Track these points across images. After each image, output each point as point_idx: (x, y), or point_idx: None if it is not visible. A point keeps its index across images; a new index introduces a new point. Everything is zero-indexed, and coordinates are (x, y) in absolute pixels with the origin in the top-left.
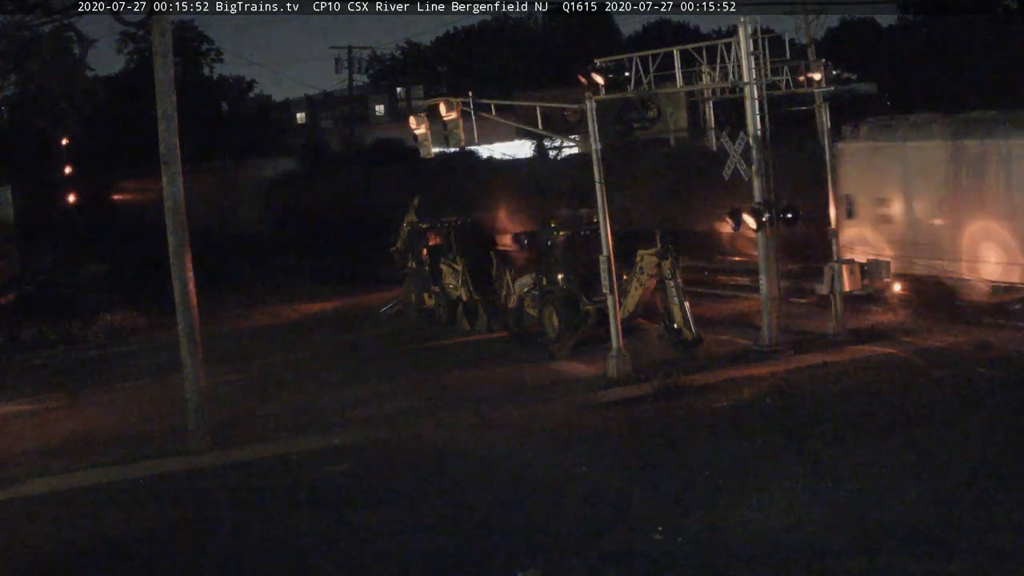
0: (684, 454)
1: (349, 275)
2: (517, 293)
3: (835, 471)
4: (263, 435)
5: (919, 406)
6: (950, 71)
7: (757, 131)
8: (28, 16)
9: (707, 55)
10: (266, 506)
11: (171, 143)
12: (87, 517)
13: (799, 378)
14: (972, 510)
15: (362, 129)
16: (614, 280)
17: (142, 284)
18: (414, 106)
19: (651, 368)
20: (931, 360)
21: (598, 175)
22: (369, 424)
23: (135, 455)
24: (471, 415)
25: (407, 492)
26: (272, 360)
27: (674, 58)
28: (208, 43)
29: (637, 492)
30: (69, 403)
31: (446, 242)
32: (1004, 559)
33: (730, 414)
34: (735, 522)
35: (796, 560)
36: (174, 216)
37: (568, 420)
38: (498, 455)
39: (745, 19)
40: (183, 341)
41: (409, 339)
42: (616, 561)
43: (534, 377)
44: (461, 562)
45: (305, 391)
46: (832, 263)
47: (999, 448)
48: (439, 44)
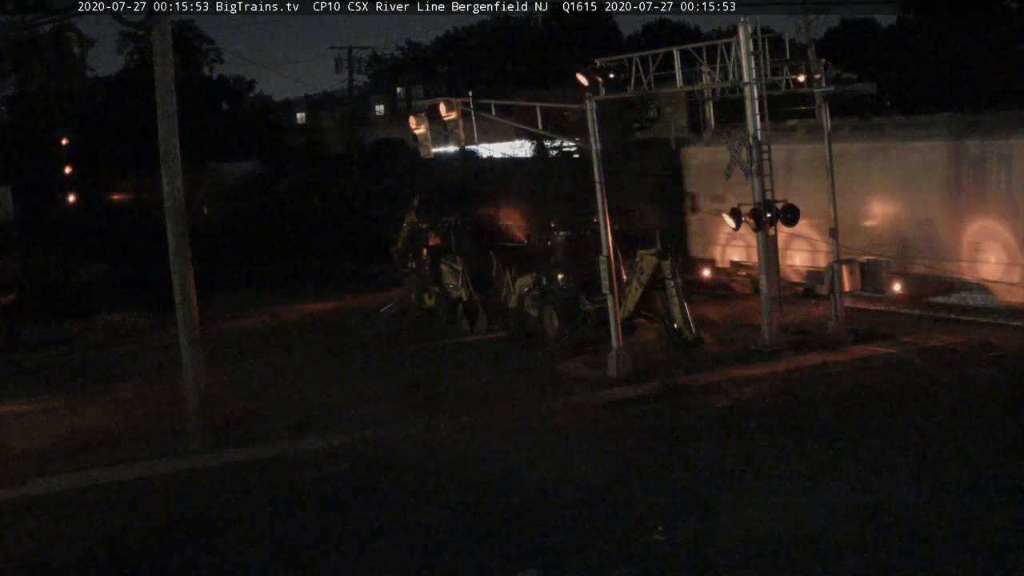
0: (684, 454)
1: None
2: (517, 293)
3: (835, 471)
4: (263, 435)
5: (919, 406)
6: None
7: (757, 131)
8: (28, 16)
9: (707, 55)
10: (266, 506)
11: (171, 143)
12: (87, 517)
13: (799, 378)
14: (972, 510)
15: (362, 129)
16: (614, 280)
17: (142, 284)
18: (414, 106)
19: (651, 368)
20: (931, 360)
21: (598, 175)
22: (369, 424)
23: (135, 455)
24: (471, 415)
25: (407, 492)
26: (272, 360)
27: (674, 58)
28: (208, 43)
29: (637, 492)
30: (69, 403)
31: (446, 242)
32: (1004, 559)
33: (730, 414)
34: (735, 522)
35: (796, 560)
36: (174, 216)
37: (568, 420)
38: (498, 455)
39: (745, 19)
40: (183, 341)
41: (409, 339)
42: (616, 561)
43: (534, 377)
44: (461, 562)
45: (305, 391)
46: (832, 263)
47: (999, 448)
48: (439, 44)
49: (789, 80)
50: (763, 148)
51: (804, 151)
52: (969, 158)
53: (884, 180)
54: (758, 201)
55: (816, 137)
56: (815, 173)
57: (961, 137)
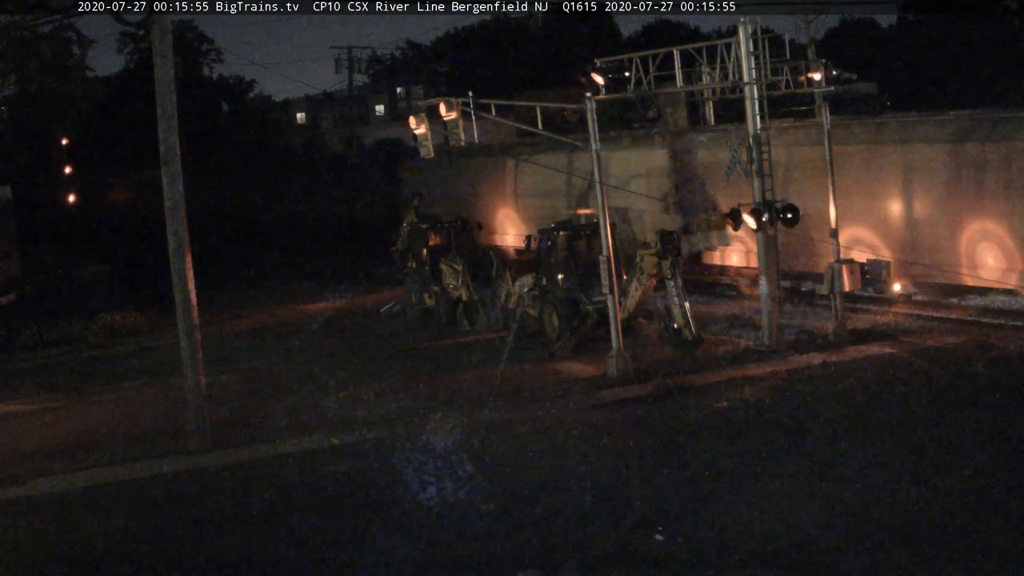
0: (684, 454)
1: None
2: (517, 293)
3: (835, 471)
4: (263, 435)
5: (919, 406)
6: (950, 71)
7: (757, 131)
8: (28, 16)
9: (707, 55)
10: (266, 506)
11: (171, 143)
12: (87, 517)
13: (799, 378)
14: (972, 510)
15: (362, 129)
16: (614, 280)
17: (142, 284)
18: (414, 106)
19: (651, 368)
20: (931, 360)
21: (598, 175)
22: (369, 424)
23: (135, 455)
24: (471, 415)
25: (407, 492)
26: (272, 360)
27: (674, 58)
28: (208, 43)
29: (637, 492)
30: (69, 403)
31: (446, 242)
32: (1004, 559)
33: (730, 414)
34: (735, 522)
35: (796, 560)
36: (174, 216)
37: (568, 420)
38: (498, 455)
39: (745, 19)
40: (183, 341)
41: (409, 339)
42: (616, 561)
43: (534, 377)
44: (461, 562)
45: (305, 391)
46: (832, 263)
47: (999, 448)
48: (439, 44)
49: (789, 80)
50: (763, 148)
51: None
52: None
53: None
54: (758, 201)
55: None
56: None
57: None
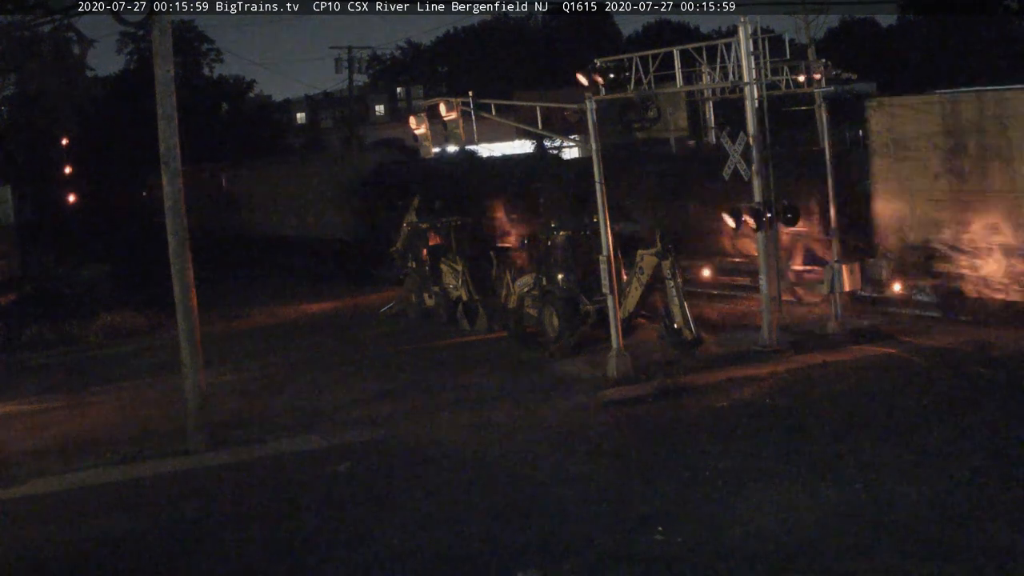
0: (684, 454)
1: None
2: (517, 293)
3: (835, 471)
4: (263, 435)
5: (919, 406)
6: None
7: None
8: (28, 16)
9: (707, 55)
10: (266, 506)
11: (171, 143)
12: (87, 517)
13: (799, 378)
14: (972, 510)
15: (362, 129)
16: (614, 280)
17: (142, 284)
18: (414, 106)
19: (651, 368)
20: (931, 360)
21: (598, 175)
22: (369, 424)
23: (135, 455)
24: (471, 415)
25: (407, 492)
26: (272, 360)
27: (674, 58)
28: (208, 43)
29: (637, 492)
30: (69, 403)
31: (446, 242)
32: (1004, 559)
33: (730, 414)
34: (735, 522)
35: (796, 560)
36: (174, 216)
37: (568, 420)
38: (498, 455)
39: (745, 19)
40: (183, 341)
41: (409, 339)
42: (616, 561)
43: (534, 377)
44: (461, 562)
45: (305, 391)
46: (832, 263)
47: (998, 448)
48: (439, 44)
49: (789, 80)
50: (763, 148)
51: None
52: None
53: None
54: (758, 201)
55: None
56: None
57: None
